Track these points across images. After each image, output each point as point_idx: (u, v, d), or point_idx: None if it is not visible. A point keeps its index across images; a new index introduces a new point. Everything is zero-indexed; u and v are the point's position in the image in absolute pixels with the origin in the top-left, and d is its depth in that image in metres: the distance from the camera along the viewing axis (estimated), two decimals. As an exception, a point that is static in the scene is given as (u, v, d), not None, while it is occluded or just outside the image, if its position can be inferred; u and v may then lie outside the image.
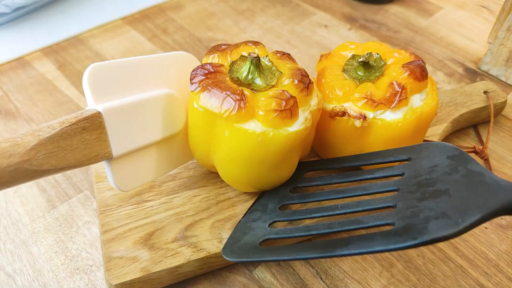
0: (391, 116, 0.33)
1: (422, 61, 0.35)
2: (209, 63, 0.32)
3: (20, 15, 0.60)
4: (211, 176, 0.38)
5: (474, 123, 0.47)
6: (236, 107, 0.28)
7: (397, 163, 0.31)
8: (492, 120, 0.43)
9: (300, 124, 0.30)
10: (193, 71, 0.31)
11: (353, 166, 0.34)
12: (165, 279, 0.32)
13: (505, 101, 0.46)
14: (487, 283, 0.34)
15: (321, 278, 0.34)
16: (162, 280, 0.32)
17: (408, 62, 0.34)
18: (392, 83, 0.33)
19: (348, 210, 0.29)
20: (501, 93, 0.46)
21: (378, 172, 0.31)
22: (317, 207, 0.31)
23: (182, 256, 0.32)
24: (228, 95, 0.29)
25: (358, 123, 0.33)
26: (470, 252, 0.36)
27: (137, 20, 0.61)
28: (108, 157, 0.29)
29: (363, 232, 0.35)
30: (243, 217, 0.34)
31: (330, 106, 0.34)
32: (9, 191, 0.40)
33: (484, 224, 0.38)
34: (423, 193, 0.26)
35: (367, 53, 0.35)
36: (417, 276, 0.34)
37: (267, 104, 0.29)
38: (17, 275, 0.34)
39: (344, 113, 0.33)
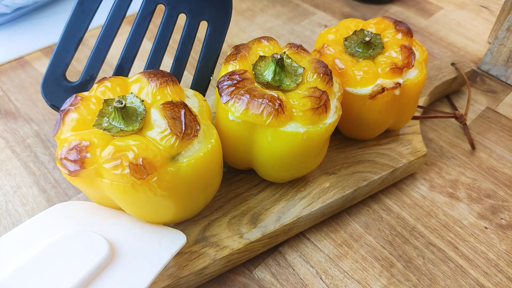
0: (411, 74, 0.36)
1: (396, 20, 0.38)
2: (233, 72, 0.31)
3: (20, 15, 0.60)
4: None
5: (447, 93, 0.50)
6: (277, 113, 0.29)
7: None
8: (469, 88, 0.47)
9: (333, 114, 0.32)
10: (219, 83, 0.31)
11: None
12: (193, 282, 0.32)
13: (471, 71, 0.50)
14: (487, 283, 0.34)
15: (321, 278, 0.34)
16: (190, 284, 0.32)
17: (395, 26, 0.38)
18: (404, 46, 0.36)
19: None
20: (467, 63, 0.50)
21: None
22: None
23: (207, 256, 0.32)
24: (266, 103, 0.29)
25: (398, 91, 0.35)
26: (470, 252, 0.36)
27: (137, 20, 0.61)
28: None
29: None
30: None
31: (361, 91, 0.35)
32: (9, 191, 0.40)
33: (484, 224, 0.38)
34: None
35: (369, 32, 0.36)
36: (417, 276, 0.34)
37: (304, 104, 0.30)
38: (17, 275, 0.34)
39: (383, 89, 0.34)
